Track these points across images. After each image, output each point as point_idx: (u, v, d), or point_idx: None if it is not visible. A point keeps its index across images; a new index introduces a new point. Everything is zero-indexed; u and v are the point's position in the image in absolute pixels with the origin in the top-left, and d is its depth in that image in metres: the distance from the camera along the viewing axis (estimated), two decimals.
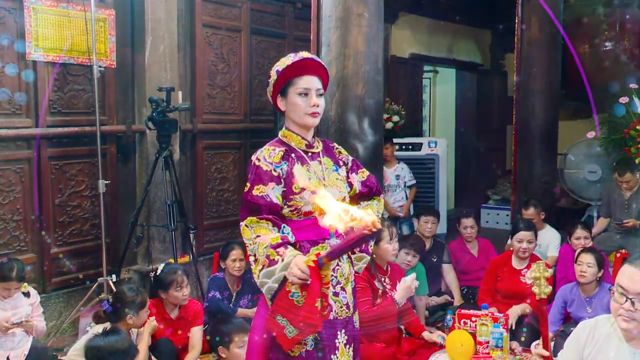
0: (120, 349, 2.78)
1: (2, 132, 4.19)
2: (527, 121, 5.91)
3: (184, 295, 3.67)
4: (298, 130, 2.39)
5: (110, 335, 2.89)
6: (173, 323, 3.76)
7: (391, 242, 3.84)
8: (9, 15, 4.18)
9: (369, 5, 4.02)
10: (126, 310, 3.31)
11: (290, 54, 2.38)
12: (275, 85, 2.36)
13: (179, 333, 3.74)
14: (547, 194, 5.86)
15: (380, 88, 4.22)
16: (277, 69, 2.35)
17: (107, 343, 2.80)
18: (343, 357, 2.33)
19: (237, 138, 5.77)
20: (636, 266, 2.08)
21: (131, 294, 3.40)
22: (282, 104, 2.38)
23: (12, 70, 4.22)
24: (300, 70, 2.33)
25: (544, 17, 5.79)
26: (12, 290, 3.67)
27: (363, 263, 2.51)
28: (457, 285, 5.09)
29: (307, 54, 2.37)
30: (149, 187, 4.72)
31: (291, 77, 2.33)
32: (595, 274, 4.02)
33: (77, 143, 4.62)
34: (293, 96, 2.33)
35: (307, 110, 2.33)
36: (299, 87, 2.32)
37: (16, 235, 4.32)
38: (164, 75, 5.00)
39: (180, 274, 3.69)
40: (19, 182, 4.32)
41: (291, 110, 2.36)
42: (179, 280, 3.66)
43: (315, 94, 2.33)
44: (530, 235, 4.41)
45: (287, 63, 2.33)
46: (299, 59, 2.33)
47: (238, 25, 5.65)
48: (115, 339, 2.85)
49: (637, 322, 2.05)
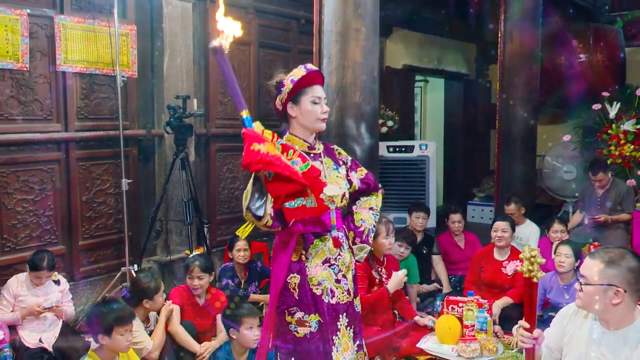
0: (120, 314, 2.74)
1: (35, 136, 4.20)
2: (509, 126, 5.91)
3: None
4: (302, 134, 2.38)
5: (111, 302, 2.87)
6: (199, 309, 3.75)
7: (387, 237, 3.84)
8: (42, 31, 4.19)
9: (366, 21, 4.02)
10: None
11: (300, 65, 2.36)
12: (290, 94, 2.34)
13: (203, 319, 3.73)
14: (527, 192, 5.85)
15: (376, 96, 4.21)
16: (292, 78, 2.32)
17: (107, 309, 2.76)
18: (344, 337, 2.33)
19: None
20: (591, 257, 2.14)
21: (146, 280, 3.39)
22: (294, 110, 2.36)
23: (44, 80, 4.23)
24: (310, 81, 2.33)
25: (524, 31, 5.79)
26: (44, 278, 3.68)
27: (364, 253, 2.50)
28: (446, 275, 5.09)
29: (314, 66, 2.37)
30: (167, 186, 4.72)
31: (304, 87, 2.32)
32: (573, 264, 4.02)
33: (102, 146, 4.63)
34: (307, 104, 2.33)
35: (319, 117, 2.34)
36: (312, 95, 2.32)
37: (47, 229, 4.32)
38: (180, 85, 5.00)
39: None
40: (50, 181, 4.33)
41: (305, 116, 2.34)
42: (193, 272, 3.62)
43: (324, 102, 2.35)
44: (505, 225, 4.40)
45: (302, 74, 2.31)
46: (310, 70, 2.33)
47: (247, 39, 5.65)
48: (115, 305, 2.82)
49: (580, 300, 2.12)
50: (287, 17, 6.02)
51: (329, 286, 2.30)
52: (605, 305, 2.08)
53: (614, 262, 2.07)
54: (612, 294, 2.05)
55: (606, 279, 2.05)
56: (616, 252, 2.11)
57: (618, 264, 2.06)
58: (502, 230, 4.38)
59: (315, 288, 2.26)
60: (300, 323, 2.25)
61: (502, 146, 5.98)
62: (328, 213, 2.32)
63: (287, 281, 2.26)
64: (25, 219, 4.18)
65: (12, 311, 3.60)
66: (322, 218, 2.30)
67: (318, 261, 2.28)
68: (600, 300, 2.07)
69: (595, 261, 2.09)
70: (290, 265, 2.26)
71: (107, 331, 2.67)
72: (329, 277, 2.30)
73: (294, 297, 2.26)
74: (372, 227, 2.50)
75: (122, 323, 2.70)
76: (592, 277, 2.07)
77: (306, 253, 2.27)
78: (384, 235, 3.81)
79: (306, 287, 2.25)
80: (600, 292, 2.06)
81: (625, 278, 2.05)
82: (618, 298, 2.05)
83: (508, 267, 4.43)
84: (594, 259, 2.11)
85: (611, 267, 2.06)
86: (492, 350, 3.34)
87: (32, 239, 4.23)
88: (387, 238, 3.83)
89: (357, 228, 2.46)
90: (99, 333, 2.69)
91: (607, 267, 2.06)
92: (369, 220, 2.49)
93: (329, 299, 2.29)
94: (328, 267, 2.30)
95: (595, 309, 2.11)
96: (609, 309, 2.08)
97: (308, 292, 2.25)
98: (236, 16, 5.67)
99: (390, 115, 6.57)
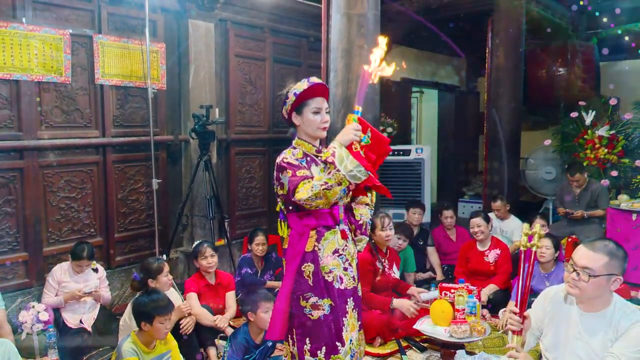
0: (161, 304, 2.75)
1: (77, 141, 4.23)
2: (495, 132, 5.89)
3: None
4: (309, 139, 2.37)
5: (152, 294, 2.88)
6: (213, 287, 3.80)
7: (384, 230, 3.84)
8: (82, 48, 4.22)
9: (368, 39, 4.02)
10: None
11: (304, 79, 2.34)
12: (293, 105, 2.33)
13: (217, 298, 3.78)
14: (511, 190, 5.83)
15: (377, 105, 4.21)
16: (295, 91, 2.30)
17: (149, 300, 2.77)
18: (351, 319, 2.33)
19: (262, 145, 5.78)
20: (586, 246, 2.11)
21: (149, 262, 3.36)
22: (297, 120, 2.35)
23: (84, 92, 4.26)
24: (312, 93, 2.31)
25: (509, 48, 5.77)
26: (84, 267, 3.71)
27: (363, 243, 2.50)
28: (439, 264, 5.08)
29: (317, 79, 2.34)
30: (192, 185, 4.74)
31: (306, 99, 2.30)
32: (553, 254, 4.02)
33: (135, 150, 4.65)
34: (308, 114, 2.30)
35: (320, 126, 2.31)
36: (313, 107, 2.30)
37: (87, 223, 4.35)
38: (204, 96, 5.02)
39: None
40: (89, 181, 4.35)
41: (306, 125, 2.32)
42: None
43: (324, 112, 2.33)
44: (479, 220, 4.44)
45: (304, 87, 2.29)
46: (312, 84, 2.31)
47: (263, 55, 5.66)
48: (156, 296, 2.83)
49: (579, 289, 2.07)
50: (298, 35, 6.02)
51: (339, 273, 2.30)
52: (602, 292, 2.07)
53: (614, 254, 2.05)
54: (612, 281, 2.05)
55: (611, 269, 2.04)
56: (610, 244, 2.09)
57: (617, 255, 2.06)
58: (477, 225, 4.45)
59: (327, 275, 2.26)
60: (315, 307, 2.25)
61: (490, 150, 5.97)
62: (337, 208, 2.32)
63: (301, 269, 2.26)
64: (67, 214, 4.22)
65: (56, 296, 3.64)
66: (333, 212, 2.31)
67: (329, 251, 2.28)
68: (604, 288, 2.06)
69: (598, 254, 2.05)
70: (304, 255, 2.27)
71: (149, 319, 2.69)
72: (338, 265, 2.30)
73: (309, 284, 2.26)
74: (369, 221, 2.50)
75: (162, 312, 2.71)
76: (600, 269, 2.03)
77: (318, 244, 2.27)
78: (380, 227, 3.83)
79: (319, 275, 2.25)
80: (604, 281, 2.04)
81: (622, 266, 2.06)
82: (617, 285, 2.06)
83: (490, 255, 4.44)
84: (596, 252, 2.06)
85: (614, 259, 2.05)
86: (481, 332, 3.33)
87: (73, 232, 4.26)
88: (384, 230, 3.84)
89: (357, 222, 2.45)
90: (142, 320, 2.71)
91: (611, 259, 2.04)
92: (366, 215, 2.48)
93: (338, 285, 2.29)
94: (337, 256, 2.30)
95: (590, 296, 2.08)
96: (599, 295, 2.07)
97: (321, 279, 2.25)
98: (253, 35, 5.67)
99: (390, 123, 6.56)
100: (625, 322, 2.05)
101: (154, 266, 3.31)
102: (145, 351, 2.71)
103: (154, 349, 2.76)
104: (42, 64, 3.94)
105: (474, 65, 8.65)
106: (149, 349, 2.73)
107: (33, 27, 3.87)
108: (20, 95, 3.87)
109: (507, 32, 5.75)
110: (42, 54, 3.93)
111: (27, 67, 3.87)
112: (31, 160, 3.97)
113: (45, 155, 4.05)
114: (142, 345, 2.71)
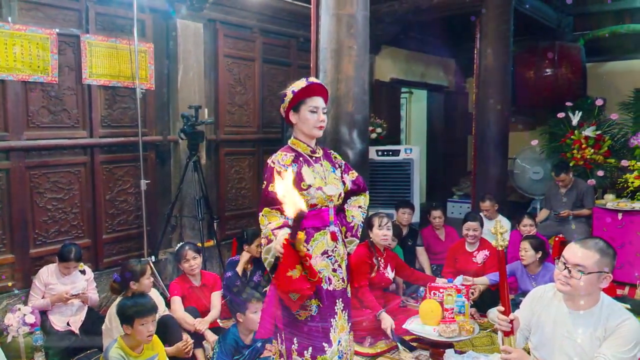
0: (142, 307, 2.72)
1: (64, 142, 4.19)
2: (484, 132, 5.91)
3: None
4: (305, 139, 2.38)
5: (137, 297, 2.86)
6: (198, 289, 3.76)
7: (380, 229, 3.86)
8: (69, 48, 4.17)
9: (357, 39, 4.02)
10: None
11: (303, 78, 2.35)
12: (290, 103, 2.34)
13: (203, 299, 3.74)
14: (500, 190, 5.86)
15: (366, 106, 4.21)
16: (293, 89, 2.32)
17: (132, 302, 2.75)
18: (340, 320, 2.33)
19: (251, 146, 5.76)
20: (577, 244, 2.12)
21: (132, 264, 3.32)
22: (294, 117, 2.36)
23: (71, 92, 4.21)
24: (311, 92, 2.32)
25: (497, 49, 5.80)
26: (71, 268, 3.67)
27: (354, 245, 2.51)
28: (428, 264, 5.09)
29: (316, 80, 2.36)
30: (181, 186, 4.71)
31: (304, 97, 2.32)
32: (533, 256, 4.05)
33: (123, 150, 4.61)
34: (305, 113, 2.32)
35: (316, 125, 2.33)
36: (310, 105, 2.31)
37: (74, 224, 4.31)
38: (192, 96, 4.99)
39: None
40: (77, 182, 4.31)
41: (303, 124, 2.34)
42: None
43: (321, 112, 2.34)
44: (476, 225, 4.51)
45: (302, 86, 2.31)
46: (310, 83, 2.32)
47: (252, 55, 5.64)
48: (141, 300, 2.81)
49: (571, 287, 2.09)
50: (287, 36, 6.01)
51: (327, 275, 2.30)
52: (592, 290, 2.08)
53: (605, 251, 2.07)
54: (602, 279, 2.06)
55: (602, 266, 2.05)
56: (601, 242, 2.11)
57: (607, 252, 2.08)
58: (473, 229, 4.50)
59: None
60: (302, 307, 2.24)
61: (478, 150, 5.99)
62: (327, 209, 2.32)
63: None
64: (54, 216, 4.17)
65: (43, 298, 3.60)
66: (322, 214, 2.30)
67: (318, 252, 2.28)
68: (594, 286, 2.07)
69: (590, 252, 2.07)
70: None
71: (129, 321, 2.67)
72: (327, 266, 2.30)
73: None
74: (360, 223, 2.50)
75: (142, 315, 2.68)
76: (592, 267, 2.05)
77: (307, 245, 2.27)
78: (377, 226, 3.85)
79: None
80: (595, 279, 2.06)
81: (612, 264, 2.08)
82: (606, 282, 2.07)
83: (478, 256, 4.47)
84: (588, 250, 2.08)
85: (604, 256, 2.06)
86: (469, 331, 3.34)
87: (60, 233, 4.21)
88: (380, 229, 3.86)
89: (348, 224, 2.46)
90: (123, 323, 2.70)
91: (602, 257, 2.06)
92: (358, 217, 2.50)
93: (327, 286, 2.29)
94: (326, 258, 2.30)
95: (581, 294, 2.09)
96: (589, 292, 2.08)
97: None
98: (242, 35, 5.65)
99: (379, 123, 6.57)
100: (613, 320, 2.06)
101: (138, 268, 3.29)
102: (132, 355, 2.69)
103: (141, 353, 2.73)
104: (28, 64, 3.89)
105: (463, 66, 8.69)
106: (136, 353, 2.71)
107: (19, 27, 3.82)
108: (7, 95, 3.82)
109: (496, 33, 5.78)
110: (28, 54, 3.88)
111: (13, 67, 3.82)
112: (17, 161, 3.91)
113: (31, 155, 4.00)
114: (129, 349, 2.69)
